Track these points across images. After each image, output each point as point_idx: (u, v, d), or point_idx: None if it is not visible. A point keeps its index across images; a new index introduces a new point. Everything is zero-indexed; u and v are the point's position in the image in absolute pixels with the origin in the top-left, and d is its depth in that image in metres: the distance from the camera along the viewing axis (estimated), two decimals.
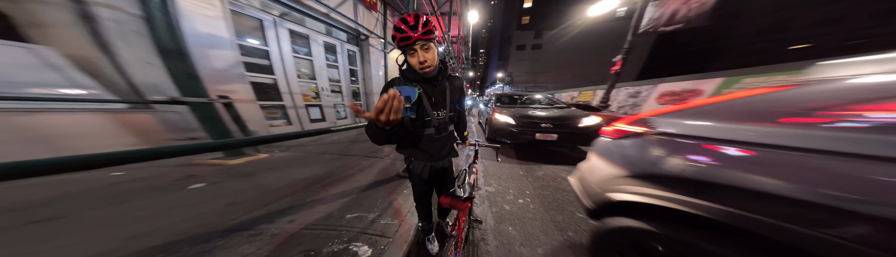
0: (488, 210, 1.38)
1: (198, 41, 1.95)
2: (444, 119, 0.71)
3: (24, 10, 1.50)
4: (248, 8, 2.47)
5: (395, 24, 0.58)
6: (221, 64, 2.18)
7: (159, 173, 1.53)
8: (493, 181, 1.88)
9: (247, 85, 2.39)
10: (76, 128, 1.57)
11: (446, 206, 0.56)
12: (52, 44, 1.56)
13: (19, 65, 1.44)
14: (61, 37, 1.58)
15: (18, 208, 1.06)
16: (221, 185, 1.39)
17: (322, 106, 3.56)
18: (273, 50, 2.77)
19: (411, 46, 0.59)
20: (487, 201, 1.50)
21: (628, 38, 4.47)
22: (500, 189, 1.71)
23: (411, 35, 0.56)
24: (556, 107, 3.36)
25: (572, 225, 1.23)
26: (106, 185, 1.32)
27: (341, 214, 1.13)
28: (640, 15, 4.52)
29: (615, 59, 4.57)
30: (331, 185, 1.46)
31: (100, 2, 1.57)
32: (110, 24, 1.62)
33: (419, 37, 0.57)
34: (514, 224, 1.23)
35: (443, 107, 0.70)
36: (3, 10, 1.48)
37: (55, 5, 1.53)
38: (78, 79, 1.59)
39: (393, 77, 0.73)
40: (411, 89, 0.61)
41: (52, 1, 1.52)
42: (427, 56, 0.60)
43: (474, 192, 0.64)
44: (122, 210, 1.08)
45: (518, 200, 1.52)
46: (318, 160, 2.04)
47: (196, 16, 1.94)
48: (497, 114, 2.90)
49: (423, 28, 0.56)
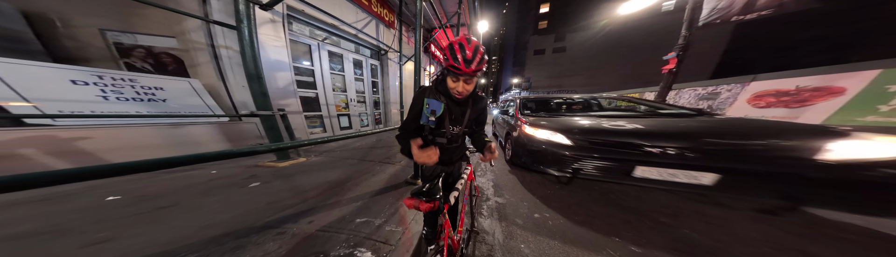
0: (498, 224, 1.31)
1: (269, 66, 2.48)
2: (458, 133, 0.77)
3: (190, 55, 2.20)
4: (301, 36, 3.03)
5: (451, 49, 0.59)
6: (282, 83, 2.70)
7: (235, 172, 1.93)
8: (504, 191, 1.77)
9: (297, 99, 2.88)
10: (201, 136, 2.19)
11: (410, 208, 0.54)
12: (197, 77, 2.23)
13: (184, 92, 2.12)
14: (203, 71, 2.25)
15: (156, 196, 1.45)
16: (269, 185, 1.66)
17: (350, 115, 4.01)
18: (317, 68, 3.29)
19: (458, 75, 0.63)
20: (497, 213, 1.42)
21: (683, 33, 3.83)
22: (513, 200, 1.60)
23: (464, 71, 0.59)
24: (660, 114, 2.00)
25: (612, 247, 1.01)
26: (206, 181, 1.72)
27: (352, 218, 1.21)
28: (697, 6, 3.84)
29: (667, 56, 3.93)
30: (348, 189, 1.60)
31: (222, 44, 2.17)
32: (225, 60, 2.21)
33: (469, 73, 0.60)
34: (528, 241, 1.13)
35: (459, 123, 0.76)
36: (180, 56, 2.18)
37: (201, 50, 2.18)
38: (206, 100, 2.23)
39: (422, 85, 0.80)
40: (439, 104, 0.69)
41: (201, 47, 2.16)
42: (467, 87, 0.65)
43: (454, 197, 0.60)
44: (207, 202, 1.38)
45: (534, 214, 1.39)
46: (343, 165, 2.25)
47: (269, 47, 2.48)
48: (530, 127, 1.81)
49: (477, 65, 0.59)
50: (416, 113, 0.74)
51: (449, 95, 0.70)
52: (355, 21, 3.55)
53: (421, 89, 0.75)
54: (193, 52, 2.16)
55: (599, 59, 19.67)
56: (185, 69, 2.22)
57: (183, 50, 2.16)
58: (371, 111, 4.58)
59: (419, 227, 1.16)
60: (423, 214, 0.97)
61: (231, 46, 2.18)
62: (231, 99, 2.32)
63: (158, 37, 2.09)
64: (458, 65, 0.59)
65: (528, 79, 24.14)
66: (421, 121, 0.73)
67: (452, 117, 0.73)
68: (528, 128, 1.85)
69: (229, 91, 2.30)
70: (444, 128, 0.74)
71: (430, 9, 4.08)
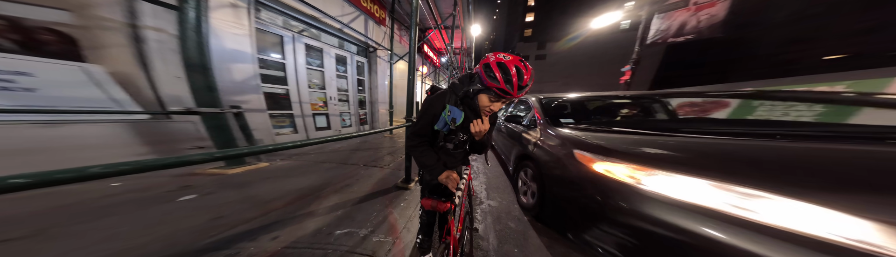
0: (491, 227, 1.21)
1: (222, 56, 2.10)
2: (465, 141, 0.78)
3: (92, 34, 1.70)
4: (272, 26, 2.71)
5: (504, 71, 0.55)
6: (241, 76, 2.32)
7: (156, 183, 1.50)
8: (496, 195, 1.71)
9: (260, 95, 2.49)
10: (98, 138, 1.64)
11: (428, 208, 0.62)
12: (102, 62, 1.72)
13: (72, 81, 1.59)
14: (112, 56, 1.75)
15: (4, 222, 1.02)
16: (213, 197, 1.32)
17: (329, 114, 3.67)
18: (289, 62, 2.95)
19: (500, 97, 0.61)
20: (490, 217, 1.33)
21: (636, 49, 4.51)
22: (505, 203, 1.54)
23: (514, 96, 0.58)
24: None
25: None
26: (100, 197, 1.28)
27: (331, 230, 1.01)
28: (647, 27, 4.63)
29: (624, 69, 4.56)
30: (325, 197, 1.37)
31: (149, 25, 1.76)
32: (154, 45, 1.79)
33: (517, 97, 0.60)
34: (520, 244, 1.06)
35: (469, 133, 0.75)
36: (72, 34, 1.68)
37: (113, 30, 1.73)
38: (113, 92, 1.71)
39: (440, 89, 0.77)
40: (460, 113, 0.67)
41: (114, 26, 1.72)
42: (499, 106, 0.65)
43: (458, 196, 0.67)
44: (102, 225, 1.02)
45: (524, 218, 1.33)
46: (318, 169, 1.97)
47: (226, 34, 2.12)
48: (606, 162, 0.86)
49: (522, 92, 0.58)
50: (431, 118, 0.70)
51: (472, 108, 0.69)
52: (341, 14, 3.30)
53: (439, 93, 0.72)
54: (98, 30, 1.69)
55: (573, 67, 22.00)
56: (79, 51, 1.68)
57: (79, 27, 1.65)
58: (355, 111, 4.23)
59: (411, 236, 1.02)
60: (419, 221, 0.89)
61: (165, 29, 1.78)
62: (156, 92, 1.86)
63: (39, 7, 1.55)
64: (509, 90, 0.57)
65: None
66: (436, 127, 0.71)
67: (466, 126, 0.72)
68: (598, 163, 0.88)
69: (154, 82, 1.84)
70: (456, 134, 0.74)
71: (425, 8, 4.07)
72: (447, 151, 0.77)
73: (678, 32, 4.81)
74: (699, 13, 4.69)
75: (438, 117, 0.69)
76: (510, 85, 0.55)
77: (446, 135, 0.73)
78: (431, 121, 0.70)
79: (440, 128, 0.70)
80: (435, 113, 0.69)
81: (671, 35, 4.88)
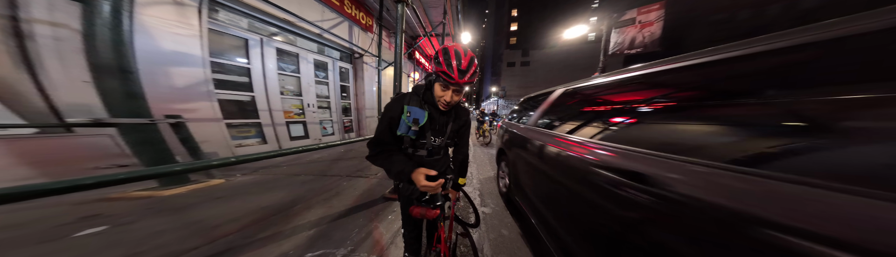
0: (485, 236, 1.14)
1: (155, 59, 1.82)
2: (439, 145, 0.71)
3: None
4: (233, 28, 2.48)
5: (445, 54, 0.57)
6: (184, 82, 2.01)
7: (50, 214, 1.13)
8: (490, 201, 1.66)
9: (213, 103, 2.17)
10: None
11: (417, 216, 0.58)
12: None
13: None
14: None
15: None
16: (132, 227, 1.03)
17: (306, 122, 3.38)
18: (255, 67, 2.70)
19: (448, 84, 0.59)
20: (485, 225, 1.26)
21: (601, 58, 5.37)
22: (498, 209, 1.48)
23: (456, 80, 0.57)
24: None
25: None
26: None
27: (300, 253, 0.84)
28: (607, 40, 5.61)
29: (594, 76, 5.42)
30: (296, 215, 1.17)
31: (43, 19, 1.44)
32: (48, 42, 1.46)
33: (462, 83, 0.57)
34: (514, 253, 0.99)
35: (442, 135, 0.71)
36: None
37: None
38: None
39: (402, 92, 0.74)
40: (422, 113, 0.63)
41: None
42: (455, 98, 0.62)
43: (445, 202, 0.64)
44: None
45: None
46: (290, 183, 1.72)
47: (163, 34, 1.86)
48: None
49: (470, 78, 0.57)
50: (391, 122, 0.65)
51: (434, 104, 0.65)
52: (320, 20, 3.16)
53: (398, 96, 0.68)
54: None
55: (553, 73, 24.05)
56: None
57: None
58: (338, 118, 3.99)
59: (399, 252, 0.89)
60: (403, 236, 0.79)
61: (64, 23, 1.47)
62: (48, 100, 1.48)
63: None
64: (451, 74, 0.56)
65: (504, 88, 26.91)
66: (399, 132, 0.65)
67: (435, 128, 0.68)
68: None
69: (44, 88, 1.47)
70: (426, 138, 0.67)
71: (414, 17, 4.13)
72: (422, 159, 0.70)
73: (630, 45, 5.98)
74: (643, 30, 5.87)
75: (398, 121, 0.64)
76: (450, 68, 0.56)
77: (414, 139, 0.66)
78: (389, 126, 0.65)
79: (404, 133, 0.64)
80: (393, 116, 0.64)
81: (626, 47, 6.02)
